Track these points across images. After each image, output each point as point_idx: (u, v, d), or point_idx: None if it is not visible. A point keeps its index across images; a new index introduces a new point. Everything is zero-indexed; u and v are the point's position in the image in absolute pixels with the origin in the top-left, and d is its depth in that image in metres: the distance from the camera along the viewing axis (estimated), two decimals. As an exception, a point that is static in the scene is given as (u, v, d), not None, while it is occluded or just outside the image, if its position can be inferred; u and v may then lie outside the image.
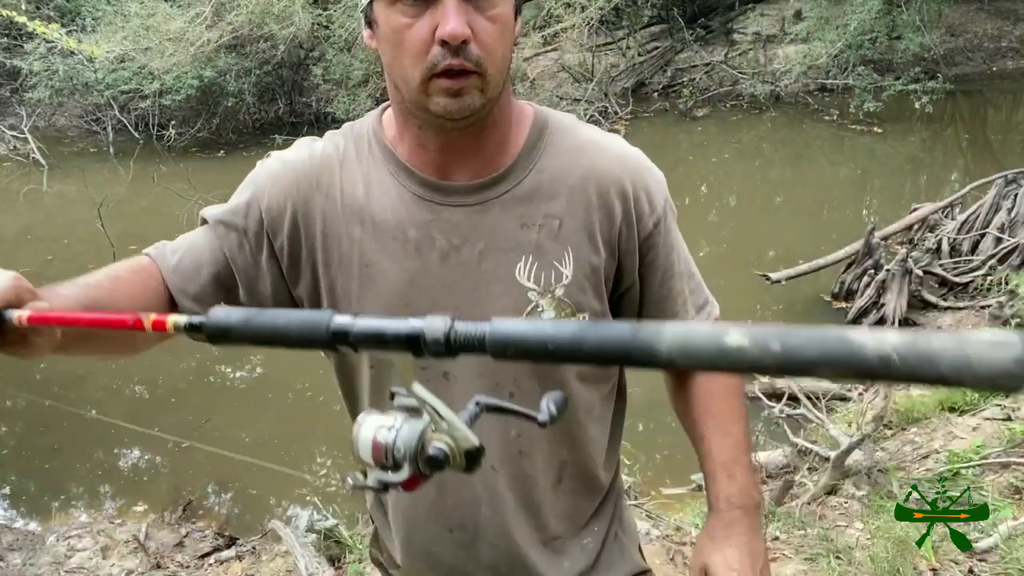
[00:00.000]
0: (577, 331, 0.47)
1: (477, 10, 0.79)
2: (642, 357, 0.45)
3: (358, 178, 0.92)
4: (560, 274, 0.90)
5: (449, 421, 0.58)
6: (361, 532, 2.97)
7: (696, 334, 0.44)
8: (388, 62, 0.85)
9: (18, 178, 9.23)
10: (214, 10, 9.85)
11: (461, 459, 0.58)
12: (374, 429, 0.59)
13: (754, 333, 0.43)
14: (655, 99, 11.32)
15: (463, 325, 0.52)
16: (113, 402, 4.68)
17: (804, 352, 0.41)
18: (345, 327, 0.55)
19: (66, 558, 3.13)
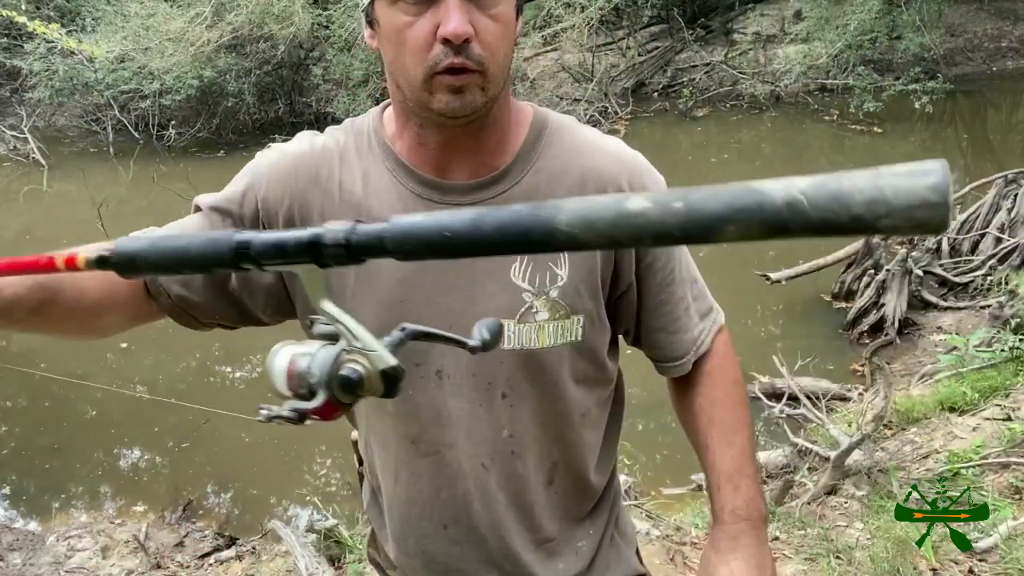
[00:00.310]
0: (475, 216, 0.45)
1: (479, 8, 0.79)
2: (542, 236, 0.43)
3: (357, 174, 0.92)
4: (555, 275, 0.90)
5: (363, 340, 0.55)
6: (361, 532, 2.97)
7: (597, 204, 0.42)
8: (389, 61, 0.85)
9: (18, 178, 9.23)
10: (214, 10, 9.85)
11: (377, 381, 0.54)
12: (289, 357, 0.57)
13: (656, 196, 0.41)
14: (655, 99, 11.32)
15: (364, 227, 0.50)
16: (113, 402, 4.69)
17: (708, 207, 0.39)
18: (246, 240, 0.53)
19: (66, 558, 3.13)
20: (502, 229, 0.44)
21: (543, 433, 0.97)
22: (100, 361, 5.00)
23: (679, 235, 0.40)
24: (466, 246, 0.45)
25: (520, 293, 0.89)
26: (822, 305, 5.15)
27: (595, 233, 0.41)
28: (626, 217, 0.40)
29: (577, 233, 0.42)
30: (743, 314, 5.24)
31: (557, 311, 0.90)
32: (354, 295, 0.91)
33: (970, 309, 4.64)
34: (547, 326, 0.90)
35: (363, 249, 0.50)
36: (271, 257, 0.52)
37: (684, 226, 0.39)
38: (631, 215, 0.40)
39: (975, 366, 3.56)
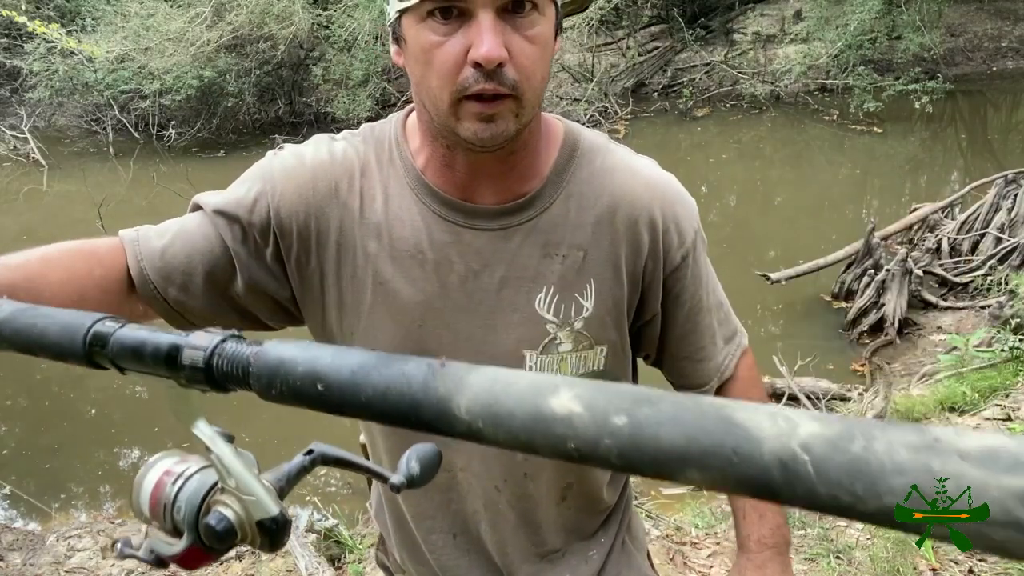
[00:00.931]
0: (357, 369, 0.35)
1: (515, 29, 0.73)
2: (433, 417, 0.33)
3: (377, 189, 0.86)
4: (581, 306, 0.86)
5: (239, 479, 0.43)
6: (361, 532, 2.97)
7: (509, 393, 0.31)
8: (416, 81, 0.79)
9: (18, 178, 9.23)
10: (214, 10, 9.85)
11: (252, 533, 0.43)
12: (159, 475, 0.46)
13: (593, 400, 0.29)
14: (655, 99, 11.33)
15: (233, 346, 0.40)
16: (113, 402, 4.69)
17: (662, 438, 0.27)
18: (103, 335, 0.44)
19: (66, 558, 3.13)
20: (386, 397, 0.34)
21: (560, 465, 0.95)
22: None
23: (616, 463, 0.28)
24: (340, 405, 0.36)
25: (544, 324, 0.86)
26: (822, 305, 5.15)
27: (503, 432, 0.31)
28: (546, 423, 0.30)
29: (480, 427, 0.31)
30: (743, 314, 5.20)
31: (581, 342, 0.87)
32: (371, 312, 0.87)
33: (970, 309, 4.64)
34: (569, 357, 0.88)
35: (228, 377, 0.40)
36: (128, 361, 0.43)
37: (625, 453, 0.28)
38: (553, 421, 0.29)
39: (975, 366, 3.57)
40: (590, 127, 0.97)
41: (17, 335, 0.47)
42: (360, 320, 0.87)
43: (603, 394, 0.29)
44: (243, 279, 0.87)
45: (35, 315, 0.47)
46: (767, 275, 4.92)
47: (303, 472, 0.49)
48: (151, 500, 0.46)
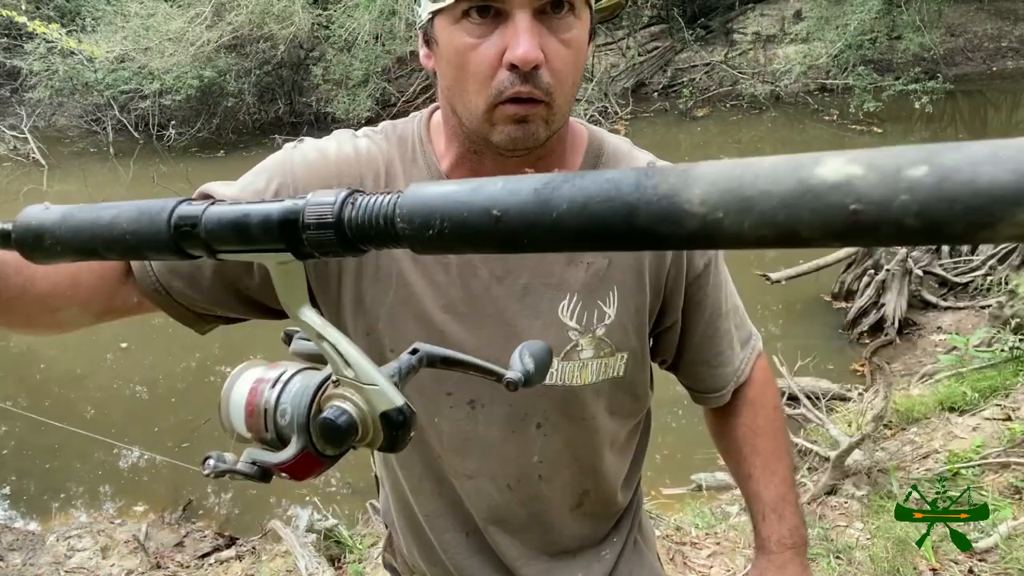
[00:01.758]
0: (542, 187, 0.30)
1: (551, 31, 0.72)
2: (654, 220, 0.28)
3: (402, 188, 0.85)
4: (603, 313, 0.86)
5: (358, 367, 0.38)
6: (361, 532, 2.97)
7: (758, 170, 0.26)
8: (448, 85, 0.77)
9: (18, 178, 9.23)
10: (214, 10, 9.85)
11: (375, 427, 0.38)
12: (251, 383, 0.41)
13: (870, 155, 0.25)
14: (655, 99, 11.33)
15: (365, 199, 0.35)
16: (113, 402, 4.69)
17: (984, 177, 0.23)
18: (192, 215, 0.38)
19: (66, 558, 3.13)
20: (586, 209, 0.28)
21: (575, 463, 0.95)
22: (100, 361, 5.01)
23: (914, 224, 0.24)
24: (524, 234, 0.30)
25: (567, 331, 0.85)
26: (822, 305, 5.15)
27: (754, 217, 0.26)
28: (814, 194, 0.25)
29: (720, 217, 0.26)
30: (743, 314, 5.23)
31: (602, 349, 0.87)
32: (391, 314, 0.85)
33: (970, 309, 4.64)
34: (590, 363, 0.87)
35: (364, 233, 0.34)
36: (227, 241, 0.38)
37: (928, 209, 0.23)
38: (825, 190, 0.24)
39: (975, 366, 3.56)
40: None
41: (78, 234, 0.40)
42: (379, 321, 0.86)
43: (886, 152, 0.25)
44: (258, 274, 0.83)
45: (97, 209, 0.41)
46: (767, 275, 4.92)
47: (412, 371, 0.45)
48: (247, 409, 0.40)
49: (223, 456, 0.39)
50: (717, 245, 0.27)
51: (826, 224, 0.25)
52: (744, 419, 1.01)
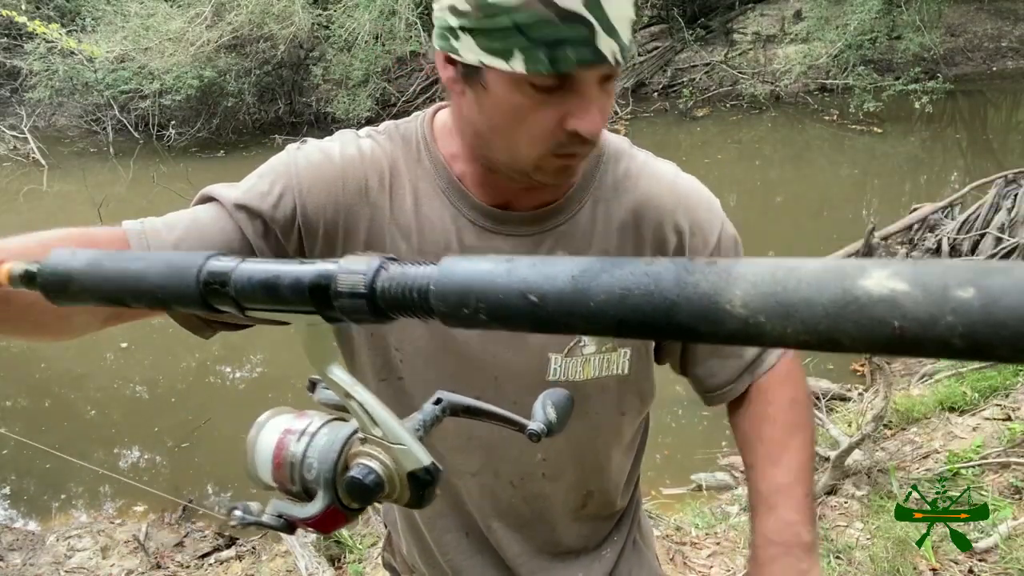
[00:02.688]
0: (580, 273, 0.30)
1: (603, 90, 0.74)
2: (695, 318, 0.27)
3: (407, 189, 0.85)
4: None
5: (386, 426, 0.39)
6: (361, 532, 2.97)
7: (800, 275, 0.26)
8: (489, 128, 0.76)
9: (18, 178, 9.23)
10: (214, 10, 9.85)
11: (402, 485, 0.39)
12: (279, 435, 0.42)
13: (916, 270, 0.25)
14: (655, 99, 11.32)
15: (399, 270, 0.35)
16: (113, 402, 4.69)
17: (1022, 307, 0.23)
18: (223, 271, 0.38)
19: (66, 558, 3.13)
20: (625, 301, 0.28)
21: (580, 462, 0.94)
22: (100, 361, 5.00)
23: (959, 345, 0.24)
24: (561, 320, 0.30)
25: None
26: (822, 305, 5.14)
27: (795, 323, 0.25)
28: (859, 306, 0.25)
29: (762, 321, 0.26)
30: (743, 314, 5.22)
31: (604, 344, 0.87)
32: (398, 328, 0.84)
33: (970, 309, 4.64)
34: (593, 359, 0.87)
35: (396, 304, 0.35)
36: (256, 299, 0.38)
37: (974, 331, 0.23)
38: (869, 303, 0.24)
39: (975, 366, 3.56)
40: None
41: (104, 283, 0.41)
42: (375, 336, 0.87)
43: (931, 268, 0.25)
44: None
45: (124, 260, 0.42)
46: (767, 275, 4.91)
47: (436, 422, 0.46)
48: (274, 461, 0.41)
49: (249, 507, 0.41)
50: (760, 344, 0.28)
51: (869, 338, 0.25)
52: (754, 407, 0.95)
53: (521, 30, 0.67)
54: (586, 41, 0.68)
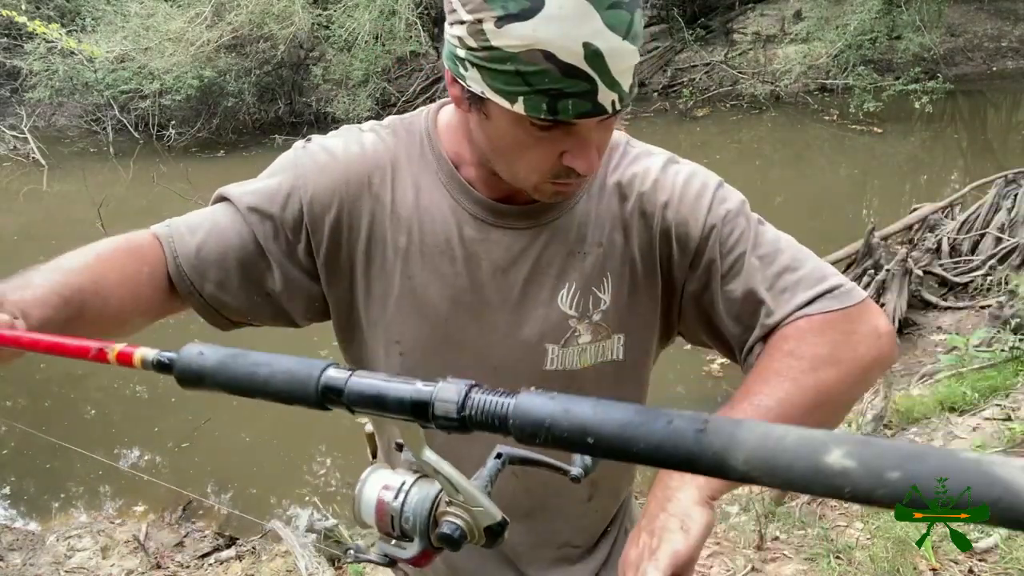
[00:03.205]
0: (625, 423, 0.39)
1: (602, 127, 0.76)
2: (710, 467, 0.38)
3: (408, 183, 0.87)
4: (599, 299, 0.88)
5: (466, 493, 0.52)
6: (361, 532, 2.97)
7: (784, 448, 0.36)
8: (490, 149, 0.79)
9: (18, 178, 9.23)
10: (214, 10, 9.85)
11: (480, 536, 0.52)
12: (379, 489, 0.54)
13: (864, 450, 0.35)
14: (655, 99, 11.32)
15: (482, 396, 0.44)
16: (113, 402, 4.69)
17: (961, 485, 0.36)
18: (337, 384, 0.48)
19: (66, 558, 3.13)
20: (660, 449, 0.39)
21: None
22: (100, 361, 5.00)
23: (890, 504, 0.36)
24: (610, 453, 0.40)
25: (566, 319, 0.87)
26: (822, 305, 5.14)
27: (780, 479, 0.36)
28: (824, 476, 0.35)
29: (756, 475, 0.37)
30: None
31: (599, 333, 0.88)
32: (397, 305, 0.88)
33: (970, 309, 4.64)
34: (589, 348, 0.88)
35: (480, 424, 0.45)
36: (366, 406, 0.48)
37: (900, 497, 0.36)
38: (831, 474, 0.35)
39: (975, 366, 3.56)
40: None
41: (235, 381, 0.50)
42: (386, 312, 0.88)
43: (873, 450, 0.35)
44: (279, 275, 0.87)
45: (252, 363, 0.50)
46: (767, 275, 4.91)
47: (498, 473, 0.57)
48: (377, 513, 0.54)
49: (360, 547, 0.56)
50: (753, 484, 0.38)
51: (829, 494, 0.36)
52: (761, 362, 0.83)
53: (524, 77, 0.68)
54: (587, 94, 0.69)
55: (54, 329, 0.69)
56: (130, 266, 0.82)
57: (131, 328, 0.84)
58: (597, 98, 0.70)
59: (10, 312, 0.66)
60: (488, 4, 0.67)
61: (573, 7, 0.66)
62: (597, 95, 0.69)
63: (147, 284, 0.83)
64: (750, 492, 2.69)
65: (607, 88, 0.69)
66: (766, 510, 2.61)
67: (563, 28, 0.66)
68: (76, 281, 0.75)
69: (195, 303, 0.88)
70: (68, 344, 0.56)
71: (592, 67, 0.68)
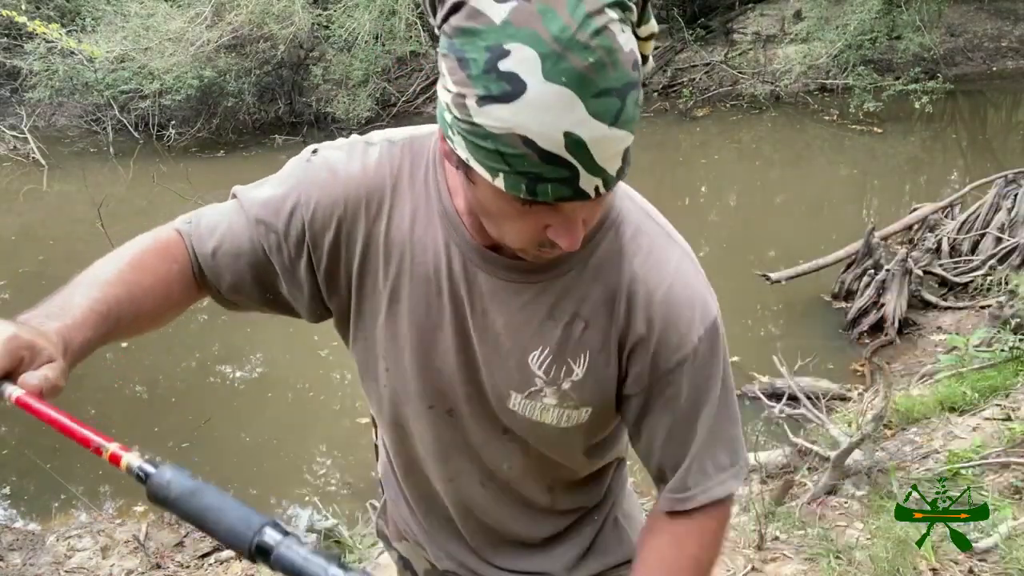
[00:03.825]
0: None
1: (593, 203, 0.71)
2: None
3: (407, 209, 0.87)
4: (571, 371, 0.86)
5: None
6: (361, 532, 2.97)
7: None
8: (480, 212, 0.77)
9: (18, 178, 9.22)
10: (214, 10, 9.85)
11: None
12: None
13: None
14: (655, 99, 11.32)
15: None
16: (113, 402, 4.69)
17: None
18: (267, 547, 0.57)
19: (66, 558, 3.13)
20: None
21: (544, 472, 0.98)
22: (100, 361, 5.00)
23: None
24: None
25: (533, 378, 0.87)
26: (822, 305, 5.15)
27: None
28: None
29: None
30: (743, 314, 5.23)
31: (566, 401, 0.88)
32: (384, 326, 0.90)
33: (970, 309, 4.64)
34: (553, 410, 0.88)
35: None
36: (289, 572, 0.57)
37: None
38: None
39: (975, 366, 3.57)
40: None
41: (189, 516, 0.59)
42: (375, 330, 0.91)
43: None
44: (285, 283, 0.91)
45: (204, 506, 0.59)
46: (767, 275, 4.92)
47: None
48: None
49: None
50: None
51: None
52: (663, 545, 0.92)
53: (504, 158, 0.65)
54: (567, 181, 0.66)
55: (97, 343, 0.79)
56: (161, 267, 0.87)
57: (166, 321, 0.91)
58: (579, 184, 0.66)
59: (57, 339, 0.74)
60: (471, 82, 0.63)
61: (555, 96, 0.62)
62: (579, 181, 0.66)
63: (176, 281, 0.89)
64: (750, 492, 2.69)
65: (589, 174, 0.66)
66: (766, 510, 2.61)
67: (543, 116, 0.62)
68: (112, 293, 0.80)
69: (215, 298, 0.94)
70: (77, 432, 0.67)
71: (573, 156, 0.64)
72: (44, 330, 0.73)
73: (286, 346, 5.18)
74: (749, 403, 3.95)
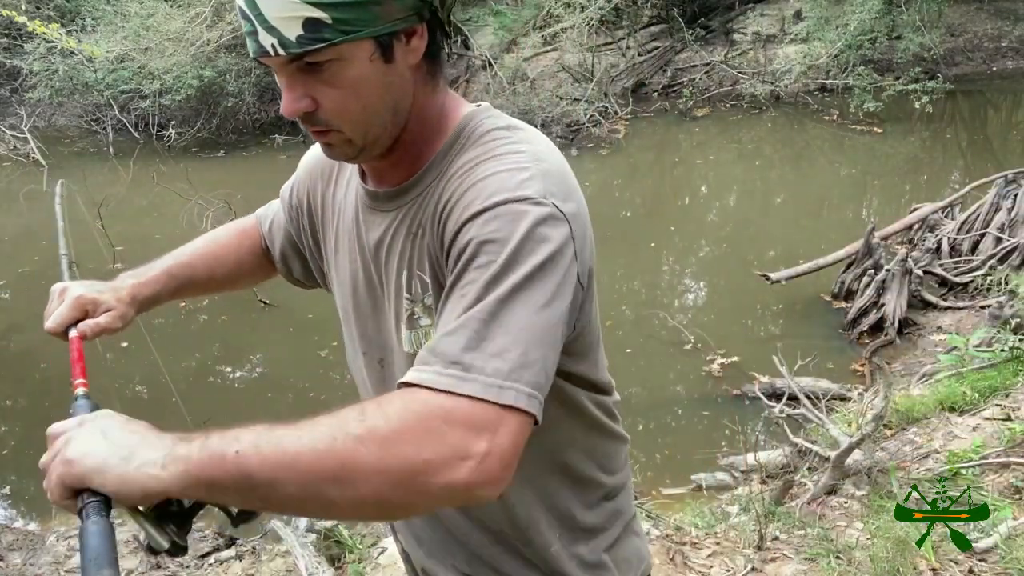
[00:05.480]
0: None
1: (319, 80, 0.80)
2: None
3: (344, 177, 1.01)
4: (425, 283, 0.87)
5: None
6: (361, 532, 2.97)
7: None
8: None
9: (18, 178, 9.22)
10: (214, 10, 9.85)
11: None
12: None
13: None
14: (655, 99, 11.32)
15: None
16: (113, 402, 4.67)
17: None
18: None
19: (66, 558, 3.13)
20: None
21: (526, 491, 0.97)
22: (100, 361, 5.00)
23: None
24: None
25: (405, 300, 0.90)
26: (822, 305, 5.15)
27: None
28: None
29: None
30: (743, 314, 5.23)
31: (432, 316, 0.87)
32: (333, 280, 1.05)
33: (970, 309, 4.64)
34: (431, 331, 0.86)
35: None
36: None
37: None
38: None
39: (975, 366, 3.56)
40: (590, 127, 0.97)
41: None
42: (334, 288, 1.05)
43: None
44: (304, 248, 1.12)
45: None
46: (767, 275, 4.92)
47: None
48: None
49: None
50: None
51: None
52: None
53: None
54: (251, 35, 0.78)
55: (168, 296, 1.13)
56: (234, 241, 1.19)
57: (243, 285, 1.25)
58: (259, 40, 0.77)
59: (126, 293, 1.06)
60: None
61: None
62: (258, 36, 0.77)
63: (248, 252, 1.19)
64: (750, 492, 2.69)
65: (264, 31, 0.76)
66: (766, 510, 2.61)
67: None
68: (185, 258, 1.13)
69: (279, 271, 1.19)
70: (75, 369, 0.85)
71: (249, 10, 0.77)
72: (118, 285, 1.06)
73: (286, 346, 5.17)
74: (749, 403, 3.95)
